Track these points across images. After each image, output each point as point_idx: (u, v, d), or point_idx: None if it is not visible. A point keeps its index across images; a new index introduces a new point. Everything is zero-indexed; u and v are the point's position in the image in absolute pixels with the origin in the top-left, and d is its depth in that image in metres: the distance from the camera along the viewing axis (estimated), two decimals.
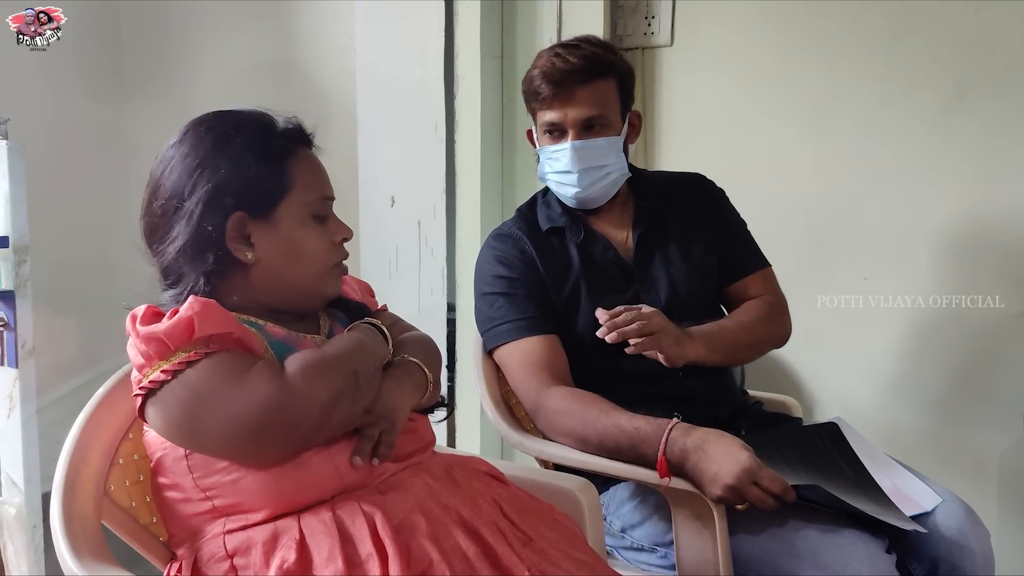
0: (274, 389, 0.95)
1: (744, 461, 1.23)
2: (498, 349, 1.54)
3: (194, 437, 0.98)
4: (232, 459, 0.98)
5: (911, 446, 2.00)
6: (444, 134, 2.34)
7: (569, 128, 1.51)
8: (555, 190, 1.60)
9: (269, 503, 0.98)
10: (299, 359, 1.00)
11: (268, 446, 0.97)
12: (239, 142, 1.05)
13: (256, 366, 0.98)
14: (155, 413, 0.98)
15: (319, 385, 0.98)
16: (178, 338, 0.96)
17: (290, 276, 1.09)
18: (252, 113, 1.11)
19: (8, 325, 1.72)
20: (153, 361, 0.97)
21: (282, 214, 1.07)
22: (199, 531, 1.02)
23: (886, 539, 1.29)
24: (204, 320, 0.97)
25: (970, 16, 1.90)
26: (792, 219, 2.12)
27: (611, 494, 1.49)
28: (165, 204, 1.05)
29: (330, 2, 2.58)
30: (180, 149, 1.06)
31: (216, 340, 0.98)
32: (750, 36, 2.13)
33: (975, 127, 1.92)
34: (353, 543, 0.96)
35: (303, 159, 1.10)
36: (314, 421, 0.97)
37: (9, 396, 1.74)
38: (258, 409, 0.94)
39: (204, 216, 1.03)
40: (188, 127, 1.09)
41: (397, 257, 2.44)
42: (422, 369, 1.14)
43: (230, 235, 1.05)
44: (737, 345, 1.54)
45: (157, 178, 1.07)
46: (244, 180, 1.04)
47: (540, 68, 1.52)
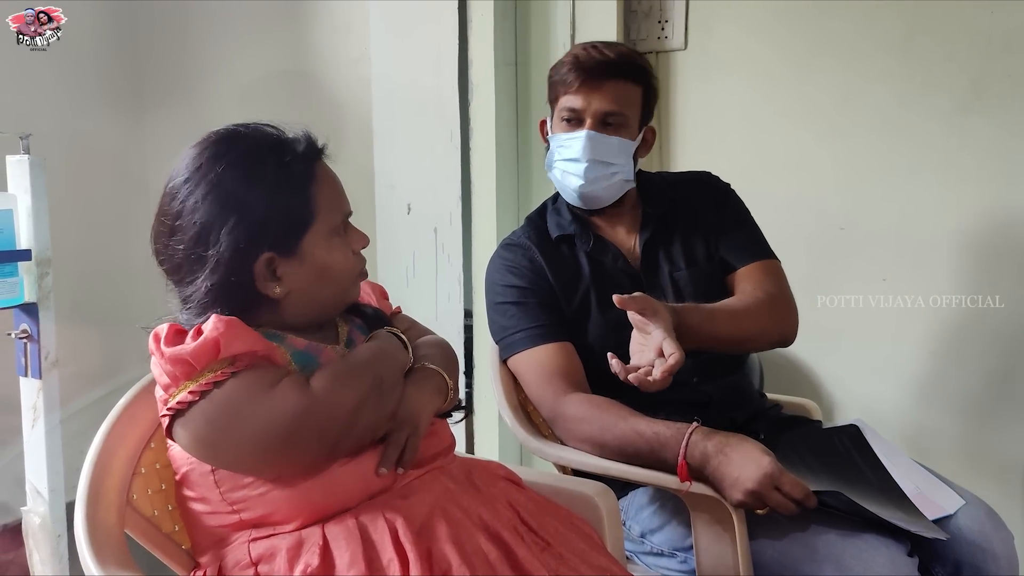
0: (301, 399, 0.96)
1: (766, 466, 1.22)
2: (513, 358, 1.54)
3: (225, 455, 0.99)
4: (261, 473, 0.99)
5: (933, 448, 1.99)
6: (459, 141, 2.34)
7: (588, 118, 1.51)
8: (559, 181, 1.58)
9: (297, 514, 0.99)
10: (325, 370, 1.01)
11: (297, 456, 0.98)
12: (259, 177, 1.02)
13: (283, 380, 0.98)
14: (184, 432, 0.99)
15: (345, 392, 0.99)
16: (204, 358, 0.96)
17: (318, 296, 1.09)
18: (265, 137, 1.06)
19: (32, 337, 1.74)
20: (180, 382, 0.97)
21: (308, 244, 1.05)
22: (224, 539, 1.03)
23: (908, 542, 1.28)
24: (229, 339, 0.97)
25: (986, 15, 1.89)
26: (809, 220, 2.11)
27: (630, 499, 1.48)
28: (188, 248, 1.02)
29: (345, 12, 2.60)
30: (198, 188, 1.01)
31: (242, 358, 0.98)
32: (764, 38, 2.13)
33: (992, 126, 1.90)
34: (375, 548, 0.97)
35: (322, 180, 1.07)
36: (341, 427, 0.98)
37: (33, 407, 1.76)
38: (287, 419, 0.95)
39: (232, 263, 1.01)
40: (199, 158, 1.03)
41: (414, 264, 2.45)
42: (442, 375, 1.15)
43: (259, 276, 1.03)
44: (714, 327, 1.40)
45: (174, 215, 1.02)
46: (269, 220, 1.02)
47: (574, 55, 1.53)
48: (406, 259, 2.45)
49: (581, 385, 1.48)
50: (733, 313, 1.46)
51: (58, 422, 1.76)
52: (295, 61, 2.70)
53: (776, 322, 1.52)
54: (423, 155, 2.41)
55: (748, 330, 1.47)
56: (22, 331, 1.75)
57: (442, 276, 2.41)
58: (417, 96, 2.40)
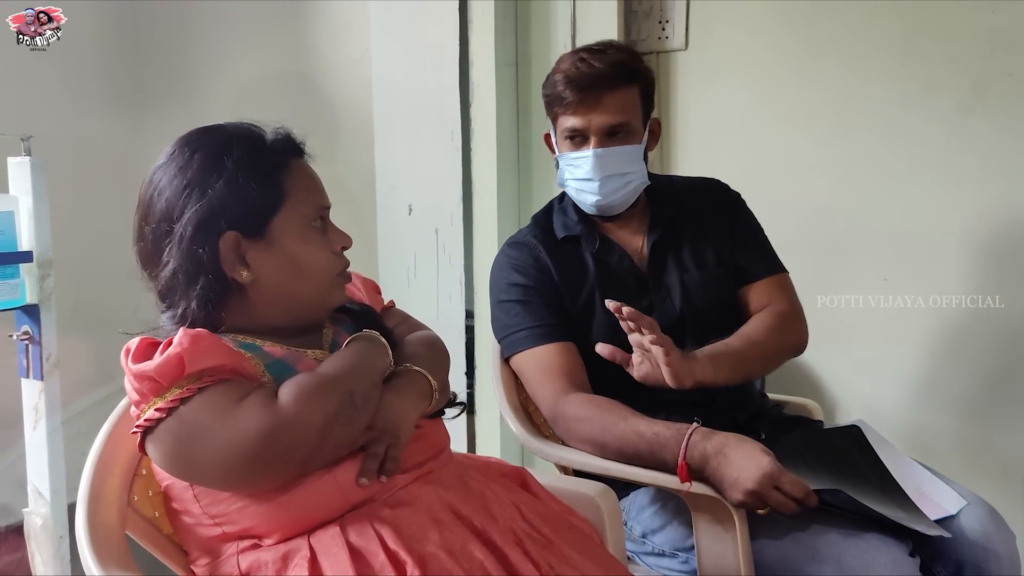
0: (267, 418, 0.94)
1: (765, 465, 1.22)
2: (515, 356, 1.54)
3: (192, 471, 0.98)
4: (230, 489, 0.98)
5: (935, 448, 1.99)
6: (460, 142, 2.35)
7: (592, 135, 1.48)
8: (575, 197, 1.58)
9: (276, 528, 0.98)
10: (292, 385, 0.98)
11: (264, 474, 0.96)
12: (227, 160, 1.02)
13: (249, 396, 0.96)
14: (153, 449, 0.98)
15: (312, 410, 0.96)
16: (169, 375, 0.95)
17: (292, 292, 1.06)
18: (239, 128, 1.07)
19: (33, 338, 1.75)
20: (148, 398, 0.96)
21: (277, 230, 1.04)
22: (214, 550, 1.03)
23: (910, 542, 1.28)
24: (194, 355, 0.95)
25: (987, 14, 1.89)
26: (810, 221, 2.11)
27: (631, 499, 1.48)
28: (155, 228, 1.03)
29: (345, 13, 2.60)
30: (167, 171, 1.03)
31: (208, 373, 0.96)
32: (765, 39, 2.13)
33: (993, 126, 1.90)
34: (363, 557, 0.95)
35: (295, 171, 1.07)
36: (310, 446, 0.96)
37: (35, 408, 1.76)
38: (251, 439, 0.93)
39: (195, 239, 1.01)
40: (174, 147, 1.06)
41: (415, 265, 2.45)
42: (426, 377, 1.12)
43: (224, 257, 1.02)
44: (745, 362, 1.45)
45: (146, 201, 1.04)
46: (234, 199, 1.01)
47: (564, 72, 1.48)
48: (407, 260, 2.46)
49: (582, 385, 1.48)
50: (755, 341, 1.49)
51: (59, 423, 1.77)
52: (296, 62, 2.71)
53: (793, 337, 1.56)
54: (424, 156, 2.41)
55: (770, 352, 1.51)
56: (23, 333, 1.75)
57: (443, 277, 2.41)
58: (418, 97, 2.40)
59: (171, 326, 1.03)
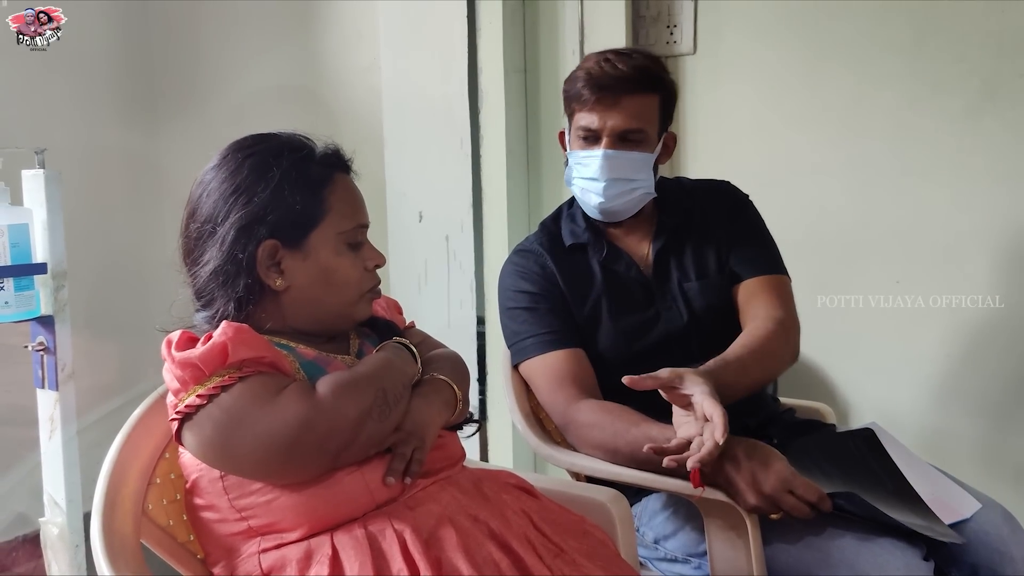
0: (305, 408, 0.98)
1: (779, 470, 1.22)
2: (524, 363, 1.54)
3: (229, 458, 1.00)
4: (265, 478, 1.00)
5: (949, 451, 1.98)
6: (470, 148, 2.35)
7: (605, 136, 1.48)
8: (579, 197, 1.58)
9: (303, 522, 1.00)
10: (329, 380, 1.02)
11: (299, 463, 0.99)
12: (276, 169, 1.06)
13: (288, 387, 1.00)
14: (191, 436, 1.01)
15: (348, 403, 1.00)
16: (212, 363, 0.99)
17: (322, 302, 1.10)
18: (292, 139, 1.12)
19: (48, 349, 1.76)
20: (189, 386, 0.99)
21: (315, 243, 1.08)
22: (235, 550, 1.04)
23: (924, 546, 1.27)
24: (237, 345, 0.99)
25: (996, 15, 1.88)
26: (821, 224, 2.10)
27: (643, 505, 1.48)
28: (200, 227, 1.08)
29: (355, 21, 2.62)
30: (218, 173, 1.08)
31: (249, 364, 1.00)
32: (774, 42, 2.13)
33: (1004, 127, 1.89)
34: (384, 557, 0.98)
35: (340, 187, 1.12)
36: (344, 438, 1.00)
37: (50, 418, 1.77)
38: (289, 427, 0.97)
39: (236, 242, 1.05)
40: (228, 151, 1.11)
41: (426, 272, 2.46)
42: (451, 387, 1.16)
43: (261, 263, 1.06)
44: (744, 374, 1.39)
45: (195, 200, 1.10)
46: (278, 208, 1.06)
47: (586, 70, 1.48)
48: (418, 267, 2.46)
49: (593, 391, 1.48)
50: (758, 353, 1.43)
51: (75, 433, 1.78)
52: (306, 70, 2.72)
53: (788, 349, 1.50)
54: (434, 163, 2.42)
55: (772, 369, 1.48)
56: (39, 343, 1.76)
57: (454, 283, 2.41)
58: (427, 103, 2.41)
59: (206, 325, 1.07)
